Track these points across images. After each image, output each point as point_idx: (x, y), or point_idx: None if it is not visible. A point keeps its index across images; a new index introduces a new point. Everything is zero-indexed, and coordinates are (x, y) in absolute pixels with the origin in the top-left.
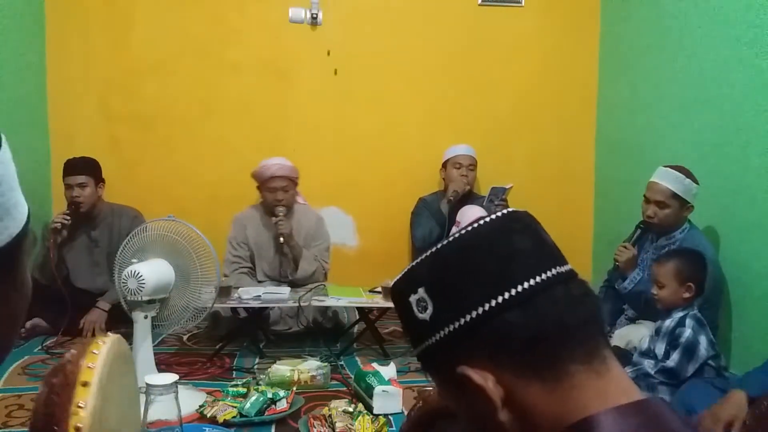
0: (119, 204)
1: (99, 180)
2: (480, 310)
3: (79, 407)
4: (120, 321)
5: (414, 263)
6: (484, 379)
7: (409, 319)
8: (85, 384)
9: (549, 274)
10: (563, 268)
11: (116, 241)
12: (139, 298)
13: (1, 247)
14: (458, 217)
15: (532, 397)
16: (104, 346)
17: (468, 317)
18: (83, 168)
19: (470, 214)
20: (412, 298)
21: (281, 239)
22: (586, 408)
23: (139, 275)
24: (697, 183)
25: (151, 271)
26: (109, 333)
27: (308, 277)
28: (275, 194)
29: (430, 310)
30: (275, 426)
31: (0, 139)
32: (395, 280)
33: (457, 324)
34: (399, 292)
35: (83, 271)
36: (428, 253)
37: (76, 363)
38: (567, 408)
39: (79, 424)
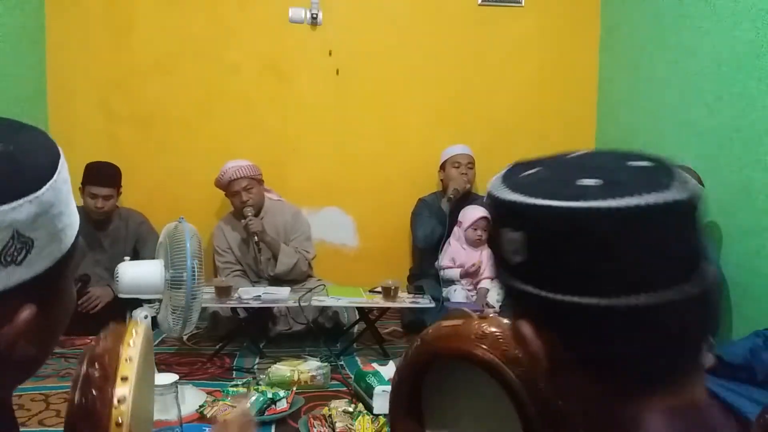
0: (126, 207)
1: (120, 188)
2: (585, 300)
3: (120, 402)
4: (120, 321)
5: (534, 203)
6: (538, 347)
7: (495, 239)
8: (124, 379)
9: (680, 289)
10: (695, 289)
11: (121, 245)
12: (116, 293)
13: (38, 273)
14: (460, 217)
15: (583, 385)
16: (139, 337)
17: (567, 298)
18: (111, 179)
19: (472, 214)
20: (506, 234)
21: (255, 238)
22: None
23: (116, 272)
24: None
25: (133, 270)
26: (137, 320)
27: (290, 270)
28: (240, 196)
29: (518, 259)
30: (275, 426)
31: (58, 162)
32: (504, 197)
33: (545, 294)
34: (498, 213)
35: (85, 272)
36: (557, 205)
37: (114, 355)
38: (622, 409)
39: (120, 419)
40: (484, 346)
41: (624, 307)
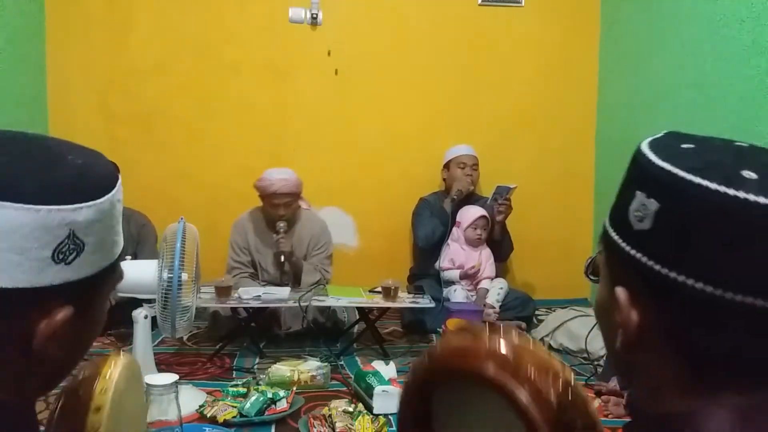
0: (129, 208)
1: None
2: (700, 285)
3: None
4: (120, 321)
5: (686, 177)
6: (631, 316)
7: (624, 195)
8: (98, 410)
9: None
10: None
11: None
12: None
13: (81, 277)
14: (459, 217)
15: (661, 364)
16: (116, 369)
17: (680, 278)
18: None
19: (471, 213)
20: (639, 197)
21: (282, 258)
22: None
23: None
24: None
25: (130, 269)
26: (118, 352)
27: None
28: (278, 210)
29: (642, 226)
30: (275, 426)
31: (117, 181)
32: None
33: (658, 268)
34: (639, 174)
35: None
36: (708, 186)
37: (88, 387)
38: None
39: None
40: (494, 364)
41: (739, 304)
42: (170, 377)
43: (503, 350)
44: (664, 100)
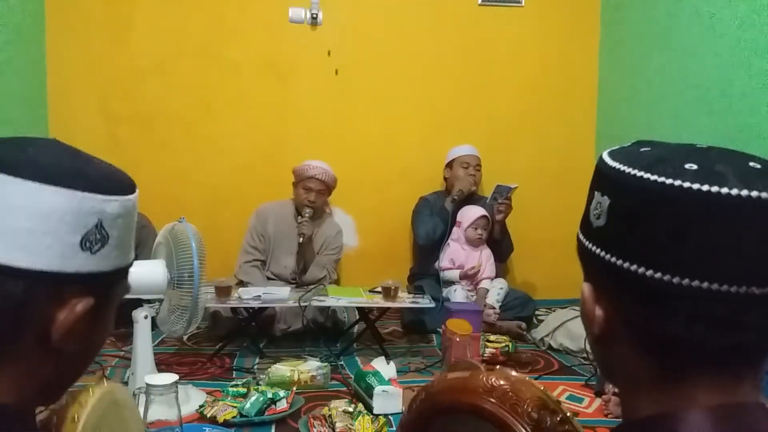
0: None
1: None
2: (659, 275)
3: None
4: (120, 321)
5: (622, 169)
6: (594, 310)
7: (586, 204)
8: None
9: (747, 288)
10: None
11: None
12: None
13: (102, 270)
14: (459, 217)
15: (630, 356)
16: (93, 397)
17: (633, 267)
18: None
19: (472, 213)
20: (596, 196)
21: (300, 239)
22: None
23: None
24: None
25: (134, 270)
26: (104, 381)
27: (313, 281)
28: (309, 194)
29: (599, 223)
30: (275, 426)
31: (136, 188)
32: (615, 159)
33: (614, 260)
34: (595, 176)
35: None
36: (640, 175)
37: (62, 414)
38: (668, 398)
39: None
40: (493, 400)
41: (685, 288)
42: (170, 377)
43: (503, 385)
44: (664, 100)
